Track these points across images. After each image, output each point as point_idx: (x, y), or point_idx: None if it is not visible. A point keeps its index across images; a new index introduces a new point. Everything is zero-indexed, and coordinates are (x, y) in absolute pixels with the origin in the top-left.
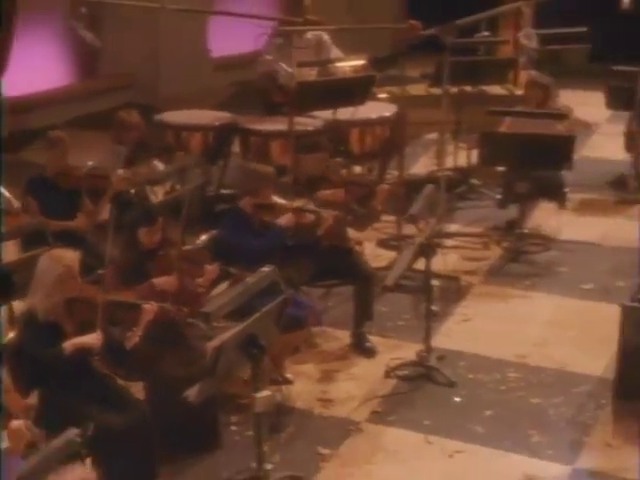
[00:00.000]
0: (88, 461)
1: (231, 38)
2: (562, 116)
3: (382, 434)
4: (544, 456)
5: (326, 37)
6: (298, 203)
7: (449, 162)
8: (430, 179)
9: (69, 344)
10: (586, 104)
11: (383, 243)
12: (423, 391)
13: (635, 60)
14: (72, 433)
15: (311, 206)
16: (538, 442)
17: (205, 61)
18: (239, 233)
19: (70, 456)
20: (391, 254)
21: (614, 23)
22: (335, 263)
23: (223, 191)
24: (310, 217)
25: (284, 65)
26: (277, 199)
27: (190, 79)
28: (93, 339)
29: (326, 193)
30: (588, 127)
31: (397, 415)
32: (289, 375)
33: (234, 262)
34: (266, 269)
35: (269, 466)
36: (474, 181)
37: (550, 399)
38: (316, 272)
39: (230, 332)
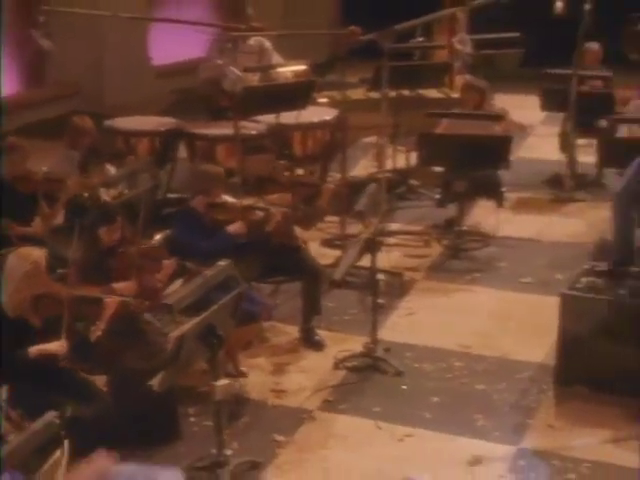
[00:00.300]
0: (66, 443)
1: (171, 46)
2: (498, 117)
3: (334, 421)
4: (490, 438)
5: (268, 44)
6: (248, 201)
7: (388, 164)
8: (371, 181)
9: (34, 350)
10: (521, 107)
11: (327, 242)
12: (372, 381)
13: (568, 63)
14: (51, 415)
15: (260, 204)
16: (483, 425)
17: (146, 69)
18: (191, 233)
19: (49, 438)
20: (335, 253)
21: (547, 27)
22: (283, 260)
23: (170, 195)
24: (259, 214)
25: (235, 69)
26: (228, 198)
27: (133, 87)
28: (57, 347)
29: (273, 197)
30: (523, 129)
31: (348, 403)
32: (243, 368)
33: (189, 259)
34: (223, 263)
35: (229, 452)
36: (413, 182)
37: (494, 385)
38: (265, 269)
39: (190, 323)
